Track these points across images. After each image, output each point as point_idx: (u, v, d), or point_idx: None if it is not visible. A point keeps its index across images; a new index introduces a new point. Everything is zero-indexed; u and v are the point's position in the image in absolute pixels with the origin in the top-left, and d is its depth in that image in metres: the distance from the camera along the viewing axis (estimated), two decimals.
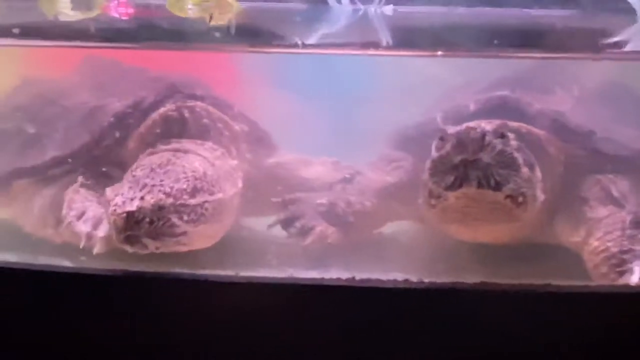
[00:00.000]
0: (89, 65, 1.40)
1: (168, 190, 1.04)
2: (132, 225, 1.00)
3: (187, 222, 1.04)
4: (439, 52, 1.18)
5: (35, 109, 1.33)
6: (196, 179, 1.08)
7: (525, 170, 1.06)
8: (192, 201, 1.05)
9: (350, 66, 1.54)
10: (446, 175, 1.03)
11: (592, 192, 1.16)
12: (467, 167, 1.01)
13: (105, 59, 1.40)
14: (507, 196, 1.04)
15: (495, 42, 1.14)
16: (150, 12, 1.53)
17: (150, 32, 1.40)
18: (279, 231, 1.23)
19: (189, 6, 1.49)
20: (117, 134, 1.21)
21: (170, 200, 1.03)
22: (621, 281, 1.03)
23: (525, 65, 1.38)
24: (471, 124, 1.05)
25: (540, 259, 1.18)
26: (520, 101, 1.23)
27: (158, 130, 1.20)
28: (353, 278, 0.96)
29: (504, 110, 1.23)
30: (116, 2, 1.54)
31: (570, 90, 1.31)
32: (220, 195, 1.10)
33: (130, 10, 1.53)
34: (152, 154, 1.16)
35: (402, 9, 1.44)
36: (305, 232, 1.23)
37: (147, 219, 1.01)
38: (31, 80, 1.39)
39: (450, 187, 1.03)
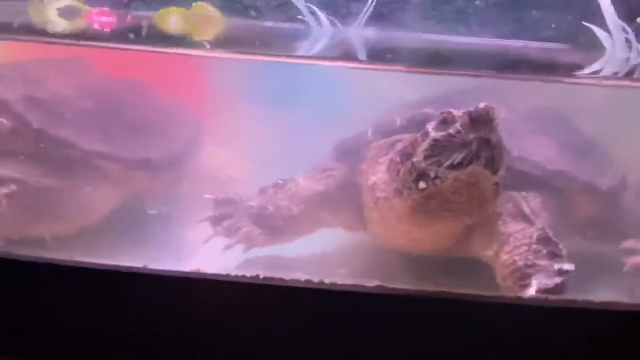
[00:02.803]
0: None
1: None
2: None
3: None
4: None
5: None
6: None
7: (506, 160, 1.06)
8: None
9: (297, 79, 1.56)
10: (453, 154, 1.02)
11: (505, 208, 1.17)
12: (479, 146, 1.01)
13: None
14: (495, 183, 1.05)
15: (389, 55, 1.16)
16: (132, 22, 1.54)
17: None
18: None
19: (173, 19, 1.51)
20: None
21: None
22: (523, 294, 1.04)
23: (457, 85, 1.40)
24: (482, 104, 1.03)
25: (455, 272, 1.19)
26: None
27: None
28: (257, 276, 0.96)
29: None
30: (97, 11, 1.56)
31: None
32: None
33: (112, 20, 1.55)
34: None
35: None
36: (231, 231, 1.24)
37: None
38: None
39: (457, 166, 1.02)
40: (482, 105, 1.02)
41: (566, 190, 1.25)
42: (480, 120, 1.01)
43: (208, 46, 1.23)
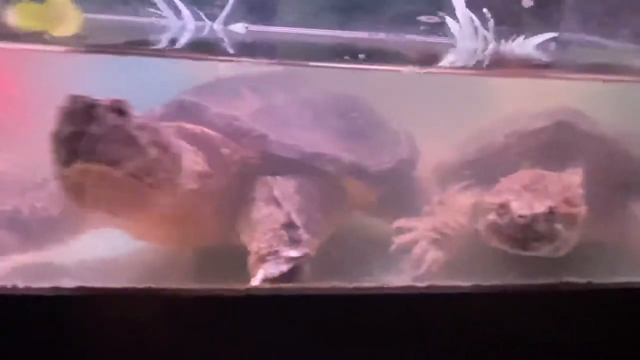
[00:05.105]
0: None
1: None
2: None
3: None
4: None
5: None
6: None
7: (153, 151, 0.95)
8: None
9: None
10: (60, 150, 0.91)
11: (260, 193, 1.10)
12: (75, 140, 0.89)
13: None
14: (130, 174, 0.93)
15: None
16: None
17: None
18: None
19: (24, 16, 1.36)
20: None
21: None
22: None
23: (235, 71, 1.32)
24: (71, 94, 0.91)
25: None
26: (198, 105, 1.17)
27: None
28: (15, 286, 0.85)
29: (183, 113, 1.16)
30: None
31: (268, 96, 1.25)
32: None
33: None
34: None
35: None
36: None
37: None
38: None
39: (65, 163, 0.90)
40: (71, 95, 0.91)
41: (331, 172, 1.18)
42: (74, 112, 0.89)
43: None
